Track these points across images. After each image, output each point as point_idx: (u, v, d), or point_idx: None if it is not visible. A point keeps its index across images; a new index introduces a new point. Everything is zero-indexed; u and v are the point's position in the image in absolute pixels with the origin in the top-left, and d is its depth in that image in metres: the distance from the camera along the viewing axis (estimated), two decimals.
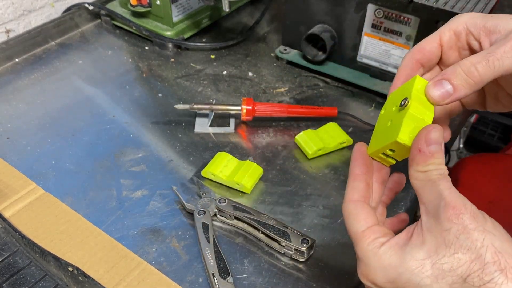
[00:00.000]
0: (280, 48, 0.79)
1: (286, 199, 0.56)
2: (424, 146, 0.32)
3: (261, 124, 0.67)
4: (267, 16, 0.91)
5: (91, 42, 0.83)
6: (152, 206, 0.55)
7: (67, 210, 0.53)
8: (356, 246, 0.34)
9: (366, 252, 0.33)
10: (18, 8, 0.87)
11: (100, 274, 0.46)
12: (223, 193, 0.57)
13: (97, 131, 0.65)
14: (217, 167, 0.57)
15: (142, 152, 0.62)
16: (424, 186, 0.32)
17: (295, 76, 0.77)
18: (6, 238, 0.50)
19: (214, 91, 0.73)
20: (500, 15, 0.36)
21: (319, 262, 0.50)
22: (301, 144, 0.62)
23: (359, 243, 0.34)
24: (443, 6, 0.59)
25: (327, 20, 0.72)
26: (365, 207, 0.35)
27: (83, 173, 0.59)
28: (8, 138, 0.63)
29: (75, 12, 0.85)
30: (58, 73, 0.76)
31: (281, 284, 0.48)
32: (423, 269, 0.30)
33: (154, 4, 0.80)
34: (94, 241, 0.50)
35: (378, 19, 0.67)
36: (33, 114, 0.67)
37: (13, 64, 0.77)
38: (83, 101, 0.70)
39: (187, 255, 0.50)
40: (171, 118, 0.68)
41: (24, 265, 0.48)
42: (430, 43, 0.38)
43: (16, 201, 0.53)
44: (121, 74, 0.76)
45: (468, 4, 0.59)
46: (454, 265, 0.29)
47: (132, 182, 0.58)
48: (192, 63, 0.79)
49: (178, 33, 0.82)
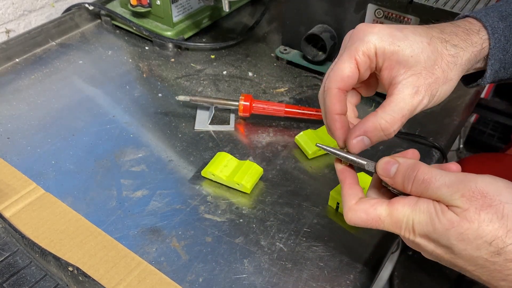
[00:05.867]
0: (280, 48, 0.79)
1: (286, 199, 0.56)
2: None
3: (261, 124, 0.67)
4: (267, 16, 0.91)
5: (91, 42, 0.83)
6: (152, 206, 0.55)
7: (67, 210, 0.53)
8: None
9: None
10: (18, 8, 0.87)
11: (100, 274, 0.46)
12: (223, 193, 0.57)
13: (97, 131, 0.65)
14: (217, 167, 0.57)
15: (142, 152, 0.62)
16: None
17: (295, 76, 0.77)
18: (6, 238, 0.50)
19: (214, 91, 0.73)
20: (406, 36, 0.40)
21: (319, 262, 0.50)
22: (301, 144, 0.62)
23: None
24: (443, 6, 0.59)
25: (327, 20, 0.72)
26: (371, 201, 0.39)
27: (83, 173, 0.59)
28: (8, 138, 0.63)
29: (75, 12, 0.85)
30: (58, 73, 0.76)
31: (281, 284, 0.48)
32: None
33: (154, 4, 0.80)
34: (94, 241, 0.50)
35: (378, 19, 0.67)
36: (33, 114, 0.68)
37: (13, 64, 0.77)
38: (83, 101, 0.70)
39: (187, 255, 0.50)
40: (171, 118, 0.68)
41: (24, 265, 0.48)
42: (348, 69, 0.41)
43: (16, 201, 0.53)
44: (121, 74, 0.76)
45: (468, 4, 0.59)
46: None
47: (132, 182, 0.58)
48: (192, 63, 0.79)
49: (178, 33, 0.82)
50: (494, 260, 0.33)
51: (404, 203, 0.37)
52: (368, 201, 0.39)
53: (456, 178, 0.35)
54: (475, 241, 0.33)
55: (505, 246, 0.32)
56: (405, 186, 0.37)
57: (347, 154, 0.42)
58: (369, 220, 0.38)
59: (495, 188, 0.33)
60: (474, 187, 0.33)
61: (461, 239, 0.33)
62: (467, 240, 0.33)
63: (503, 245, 0.32)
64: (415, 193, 0.37)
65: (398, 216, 0.37)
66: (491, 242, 0.32)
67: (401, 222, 0.37)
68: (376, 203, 0.38)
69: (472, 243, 0.33)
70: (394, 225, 0.37)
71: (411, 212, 0.36)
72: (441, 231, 0.34)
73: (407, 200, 0.37)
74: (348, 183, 0.41)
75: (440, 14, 0.59)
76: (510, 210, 0.32)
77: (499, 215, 0.32)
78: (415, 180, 0.36)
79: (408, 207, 0.36)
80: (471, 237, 0.33)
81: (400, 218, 0.37)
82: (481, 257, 0.33)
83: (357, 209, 0.39)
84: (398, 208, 0.37)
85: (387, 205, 0.38)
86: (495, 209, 0.33)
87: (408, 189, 0.37)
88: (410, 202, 0.37)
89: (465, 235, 0.33)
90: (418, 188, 0.36)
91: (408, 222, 0.36)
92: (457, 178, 0.35)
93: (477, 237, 0.33)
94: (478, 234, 0.33)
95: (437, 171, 0.36)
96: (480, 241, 0.33)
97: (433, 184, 0.35)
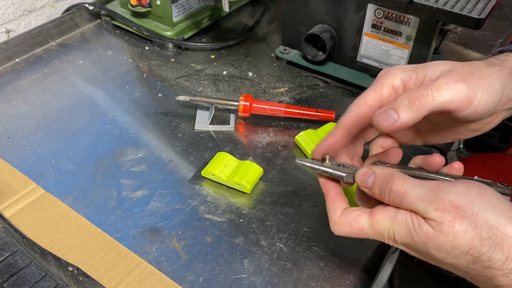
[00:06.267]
0: (280, 48, 0.79)
1: (286, 199, 0.56)
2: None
3: (261, 124, 0.67)
4: (267, 16, 0.91)
5: (91, 42, 0.83)
6: (152, 206, 0.55)
7: (67, 210, 0.53)
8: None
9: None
10: (18, 8, 0.87)
11: (100, 274, 0.46)
12: (223, 193, 0.57)
13: (97, 131, 0.65)
14: (217, 167, 0.57)
15: (142, 152, 0.62)
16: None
17: (295, 76, 0.77)
18: (6, 238, 0.50)
19: (214, 91, 0.73)
20: (428, 63, 0.39)
21: (319, 262, 0.50)
22: (301, 144, 0.62)
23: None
24: (443, 6, 0.59)
25: (327, 20, 0.72)
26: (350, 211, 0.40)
27: (83, 173, 0.59)
28: (8, 138, 0.63)
29: (75, 12, 0.85)
30: (58, 73, 0.76)
31: (281, 284, 0.48)
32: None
33: (154, 4, 0.80)
34: (94, 241, 0.50)
35: (378, 19, 0.67)
36: (33, 114, 0.67)
37: (13, 64, 0.77)
38: (83, 101, 0.70)
39: (187, 255, 0.50)
40: (171, 118, 0.68)
41: (24, 265, 0.48)
42: (372, 98, 0.40)
43: (16, 201, 0.53)
44: (121, 74, 0.76)
45: (468, 4, 0.59)
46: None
47: (132, 182, 0.58)
48: (192, 63, 0.79)
49: (178, 33, 0.82)
50: (473, 267, 0.34)
51: (384, 215, 0.38)
52: (351, 213, 0.40)
53: (429, 190, 0.35)
54: (452, 251, 0.34)
55: (481, 255, 0.33)
56: (383, 198, 0.38)
57: (325, 167, 0.42)
58: (353, 232, 0.39)
59: (467, 199, 0.34)
60: (446, 199, 0.34)
61: (439, 250, 0.34)
62: (445, 250, 0.34)
63: (478, 254, 0.33)
64: (393, 204, 0.37)
65: (379, 228, 0.38)
66: (467, 252, 0.33)
67: (383, 233, 0.38)
68: (358, 215, 0.39)
69: (449, 253, 0.34)
70: (377, 236, 0.38)
71: (391, 225, 0.37)
72: (419, 243, 0.35)
73: (386, 211, 0.38)
74: (331, 195, 0.42)
75: (440, 14, 0.59)
76: (482, 219, 0.33)
77: (473, 225, 0.33)
78: (390, 193, 0.37)
79: (388, 219, 0.37)
80: (448, 249, 0.34)
81: (382, 230, 0.38)
82: (461, 264, 0.34)
83: (340, 222, 0.40)
84: (379, 219, 0.38)
85: (368, 217, 0.39)
86: (468, 220, 0.33)
87: (386, 200, 0.38)
88: (389, 213, 0.37)
89: (442, 247, 0.34)
90: (395, 200, 0.37)
91: (390, 234, 0.37)
92: (430, 190, 0.35)
93: (453, 248, 0.34)
94: (453, 245, 0.34)
95: (411, 183, 0.36)
96: (456, 252, 0.34)
97: (407, 198, 0.36)
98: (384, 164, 0.41)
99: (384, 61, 0.70)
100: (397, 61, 0.69)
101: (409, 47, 0.67)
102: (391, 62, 0.70)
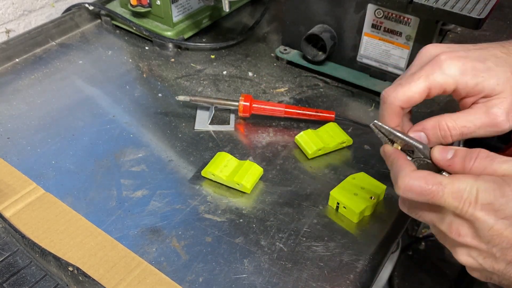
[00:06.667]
0: (280, 48, 0.79)
1: (286, 199, 0.56)
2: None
3: (261, 124, 0.67)
4: (267, 16, 0.91)
5: (91, 42, 0.83)
6: (152, 206, 0.55)
7: (67, 210, 0.53)
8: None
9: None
10: (18, 8, 0.87)
11: (100, 274, 0.47)
12: (223, 193, 0.57)
13: (97, 131, 0.65)
14: (217, 167, 0.57)
15: (142, 152, 0.62)
16: None
17: (295, 76, 0.77)
18: (6, 238, 0.50)
19: (214, 91, 0.73)
20: (492, 66, 0.40)
21: (319, 262, 0.50)
22: (301, 144, 0.62)
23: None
24: (443, 6, 0.59)
25: (327, 20, 0.72)
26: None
27: (83, 173, 0.59)
28: (8, 138, 0.63)
29: (75, 12, 0.86)
30: (58, 73, 0.76)
31: (281, 284, 0.48)
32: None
33: (154, 4, 0.80)
34: (94, 241, 0.50)
35: (378, 19, 0.67)
36: (33, 114, 0.68)
37: (13, 64, 0.77)
38: (83, 101, 0.70)
39: (187, 255, 0.50)
40: (171, 118, 0.68)
41: (24, 265, 0.48)
42: (418, 95, 0.41)
43: (16, 201, 0.53)
44: (121, 74, 0.76)
45: (468, 4, 0.59)
46: None
47: (132, 182, 0.58)
48: (192, 63, 0.79)
49: (178, 33, 0.82)
50: None
51: (466, 175, 0.36)
52: (426, 171, 0.38)
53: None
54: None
55: None
56: (466, 164, 0.37)
57: (404, 135, 0.41)
58: (428, 186, 0.36)
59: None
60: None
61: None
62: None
63: None
64: (477, 170, 0.36)
65: (460, 184, 0.35)
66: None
67: (463, 190, 0.35)
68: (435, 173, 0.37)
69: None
70: (454, 194, 0.35)
71: (475, 181, 0.35)
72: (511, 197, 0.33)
73: (468, 175, 0.36)
74: (403, 158, 0.40)
75: (440, 14, 0.59)
76: None
77: None
78: (478, 157, 0.36)
79: (471, 178, 0.35)
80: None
81: (462, 187, 0.35)
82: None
83: (415, 176, 0.37)
84: (460, 178, 0.36)
85: (448, 176, 0.37)
86: None
87: (470, 165, 0.36)
88: (472, 175, 0.36)
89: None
90: (482, 163, 0.36)
91: (472, 191, 0.34)
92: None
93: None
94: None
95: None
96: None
97: (498, 158, 0.35)
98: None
99: (384, 61, 0.71)
100: (397, 61, 0.69)
101: (409, 47, 0.67)
102: (391, 62, 0.70)
